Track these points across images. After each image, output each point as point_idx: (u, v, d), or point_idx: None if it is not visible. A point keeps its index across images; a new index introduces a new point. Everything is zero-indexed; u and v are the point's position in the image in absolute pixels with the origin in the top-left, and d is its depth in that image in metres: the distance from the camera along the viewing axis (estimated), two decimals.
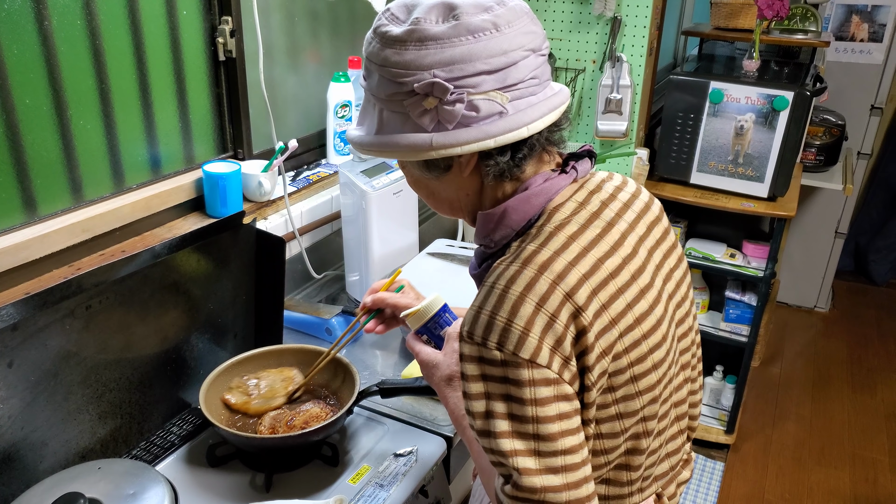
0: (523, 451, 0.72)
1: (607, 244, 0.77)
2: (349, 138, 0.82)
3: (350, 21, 1.78)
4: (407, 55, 0.72)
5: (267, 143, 1.58)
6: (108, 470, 0.97)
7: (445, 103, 0.72)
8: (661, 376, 0.81)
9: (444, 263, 1.63)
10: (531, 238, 0.77)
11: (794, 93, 2.03)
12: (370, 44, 0.77)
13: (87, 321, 1.02)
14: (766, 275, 2.26)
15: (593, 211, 0.80)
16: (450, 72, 0.71)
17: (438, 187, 0.84)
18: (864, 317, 3.53)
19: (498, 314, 0.72)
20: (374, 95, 0.78)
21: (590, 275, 0.74)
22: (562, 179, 0.81)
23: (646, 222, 0.86)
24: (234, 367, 1.20)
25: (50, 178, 1.17)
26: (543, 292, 0.71)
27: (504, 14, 0.73)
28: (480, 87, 0.72)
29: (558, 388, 0.72)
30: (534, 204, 0.79)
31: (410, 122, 0.74)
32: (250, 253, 1.30)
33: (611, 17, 1.99)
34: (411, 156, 0.75)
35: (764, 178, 2.15)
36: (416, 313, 0.94)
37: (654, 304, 0.79)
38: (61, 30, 1.13)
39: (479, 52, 0.71)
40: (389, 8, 0.78)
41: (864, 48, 3.12)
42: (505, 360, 0.71)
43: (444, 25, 0.72)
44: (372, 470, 1.11)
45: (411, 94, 0.73)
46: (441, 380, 0.90)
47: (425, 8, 0.74)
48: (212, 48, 1.42)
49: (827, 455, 2.60)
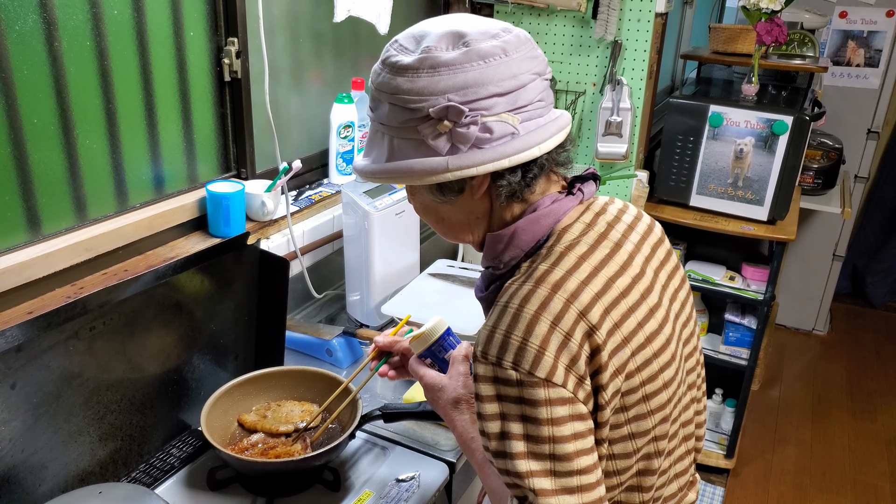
0: (539, 471, 0.72)
1: (616, 264, 0.79)
2: (357, 169, 0.83)
3: (353, 43, 1.80)
4: (420, 82, 0.74)
5: (270, 162, 1.58)
6: (108, 494, 0.95)
7: (460, 126, 0.73)
8: (671, 395, 0.81)
9: (444, 284, 1.63)
10: (542, 258, 0.78)
11: (793, 117, 2.05)
12: (379, 74, 0.78)
13: (90, 342, 1.01)
14: (765, 298, 2.26)
15: (601, 232, 0.82)
16: (463, 95, 0.73)
17: (449, 211, 0.85)
18: (863, 340, 3.53)
19: (513, 333, 0.72)
20: (383, 125, 0.79)
21: (602, 293, 0.75)
22: (569, 201, 0.82)
23: (650, 243, 0.87)
24: (235, 389, 1.19)
25: (54, 197, 1.17)
26: (558, 311, 0.72)
27: (511, 40, 0.76)
28: (493, 109, 0.74)
29: (573, 408, 0.72)
30: (543, 224, 0.80)
31: (424, 146, 0.76)
32: (253, 273, 1.30)
33: (611, 40, 2.01)
34: (427, 179, 0.76)
35: (763, 202, 2.16)
36: (420, 336, 0.94)
37: (663, 322, 0.80)
38: (70, 51, 1.13)
39: (491, 75, 0.73)
40: (397, 40, 0.79)
41: (860, 73, 3.16)
42: (520, 379, 0.71)
43: (455, 52, 0.74)
44: (374, 495, 1.10)
45: (425, 119, 0.74)
46: (447, 403, 0.90)
47: (434, 37, 0.76)
48: (217, 69, 1.43)
49: (828, 481, 2.58)
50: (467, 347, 0.95)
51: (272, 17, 1.51)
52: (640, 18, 1.98)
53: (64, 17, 1.11)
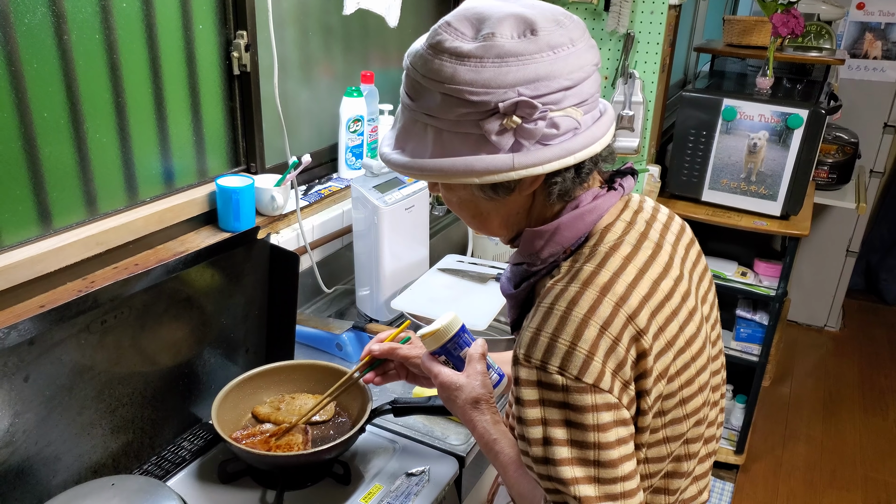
0: (584, 478, 0.70)
1: (659, 266, 0.77)
2: (393, 163, 0.76)
3: (362, 36, 1.79)
4: (485, 73, 0.68)
5: (280, 156, 1.58)
6: (121, 486, 0.96)
7: (528, 121, 0.69)
8: (705, 398, 0.80)
9: (454, 279, 1.63)
10: (585, 258, 0.75)
11: (808, 111, 2.02)
12: (428, 61, 0.71)
13: (101, 336, 1.02)
14: (778, 294, 2.24)
15: (641, 231, 0.79)
16: (534, 89, 0.68)
17: (490, 207, 0.80)
18: (876, 336, 3.50)
19: (560, 337, 0.70)
20: (431, 116, 0.72)
21: (649, 297, 0.73)
22: (611, 197, 0.80)
23: (684, 244, 0.86)
24: (245, 383, 1.19)
25: (65, 191, 1.18)
26: (607, 315, 0.70)
27: (574, 29, 0.72)
28: (561, 103, 0.70)
29: (618, 413, 0.70)
30: (587, 221, 0.77)
31: (483, 142, 0.70)
32: (264, 268, 1.30)
33: (623, 33, 1.99)
34: (488, 178, 0.71)
35: (777, 197, 2.14)
36: (435, 333, 0.91)
37: (700, 326, 0.79)
38: (80, 44, 1.13)
39: (561, 68, 0.69)
40: (450, 22, 0.72)
41: (877, 66, 3.11)
42: (567, 384, 0.69)
43: (523, 40, 0.69)
44: (384, 489, 1.10)
45: (490, 114, 0.69)
46: (466, 403, 0.88)
47: (496, 21, 0.70)
48: (227, 62, 1.42)
49: (839, 477, 2.56)
50: (482, 345, 0.93)
51: (281, 10, 1.51)
52: (654, 10, 1.95)
53: (73, 9, 1.11)
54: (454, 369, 0.92)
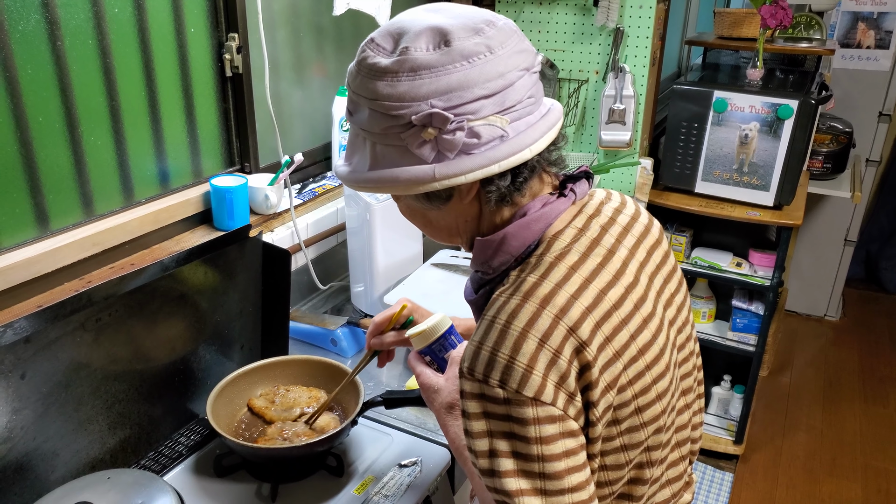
0: (529, 490, 0.70)
1: (609, 273, 0.76)
2: (340, 176, 0.79)
3: (354, 35, 1.81)
4: (400, 87, 0.69)
5: (273, 156, 1.60)
6: (117, 480, 0.98)
7: (445, 133, 0.69)
8: (665, 406, 0.79)
9: (447, 274, 1.65)
10: (531, 268, 0.75)
11: (798, 101, 2.04)
12: (356, 77, 0.73)
13: (97, 333, 1.04)
14: (773, 283, 2.26)
15: (593, 237, 0.78)
16: (447, 100, 0.69)
17: (436, 216, 0.81)
18: (876, 325, 3.51)
19: (500, 351, 0.70)
20: (364, 130, 0.74)
21: (593, 307, 0.72)
22: (560, 203, 0.79)
23: (646, 247, 0.84)
24: (240, 378, 1.21)
25: (62, 194, 1.20)
26: (546, 328, 0.69)
27: (495, 35, 0.71)
28: (480, 112, 0.70)
29: (563, 425, 0.70)
30: (533, 230, 0.77)
31: (409, 154, 0.72)
32: (256, 265, 1.32)
33: (613, 27, 2.01)
34: (413, 189, 0.72)
35: (769, 187, 2.15)
36: (422, 333, 0.92)
37: (657, 333, 0.78)
38: (73, 49, 1.16)
39: (476, 77, 0.69)
40: (373, 38, 0.74)
41: (870, 55, 3.12)
42: (508, 398, 0.69)
43: (437, 53, 0.69)
44: (376, 480, 1.12)
45: (408, 127, 0.70)
46: (442, 406, 0.88)
47: (413, 35, 0.70)
48: (219, 64, 1.45)
49: (838, 466, 2.57)
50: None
51: (272, 12, 1.53)
52: (643, 5, 1.97)
53: (66, 16, 1.13)
54: (438, 370, 0.92)
